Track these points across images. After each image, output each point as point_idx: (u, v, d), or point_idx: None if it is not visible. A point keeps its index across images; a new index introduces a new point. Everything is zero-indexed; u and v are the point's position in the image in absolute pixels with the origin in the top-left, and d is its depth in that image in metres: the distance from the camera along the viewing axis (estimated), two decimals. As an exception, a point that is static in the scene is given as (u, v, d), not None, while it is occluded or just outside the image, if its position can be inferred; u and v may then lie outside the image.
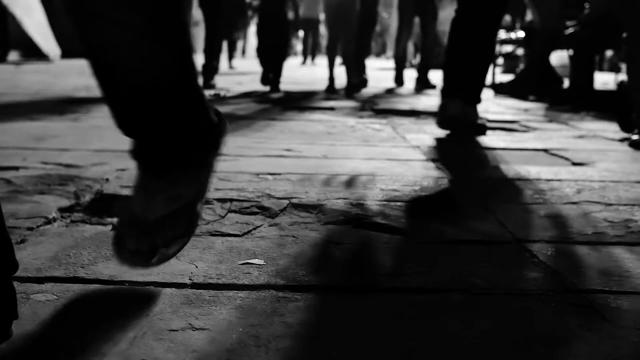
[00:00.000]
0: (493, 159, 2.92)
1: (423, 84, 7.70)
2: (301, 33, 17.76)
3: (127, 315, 1.13)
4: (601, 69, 11.32)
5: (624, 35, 3.36)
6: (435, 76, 8.20)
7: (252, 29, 21.17)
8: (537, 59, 6.62)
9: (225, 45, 12.96)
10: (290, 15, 7.19)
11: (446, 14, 11.47)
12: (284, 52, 6.74)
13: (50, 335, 1.04)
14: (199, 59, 6.51)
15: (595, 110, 5.19)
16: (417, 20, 8.11)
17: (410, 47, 9.04)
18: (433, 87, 7.55)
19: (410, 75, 8.43)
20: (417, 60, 9.21)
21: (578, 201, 2.07)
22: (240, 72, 10.73)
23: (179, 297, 1.22)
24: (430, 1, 7.74)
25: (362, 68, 7.76)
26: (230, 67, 12.37)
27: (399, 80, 8.33)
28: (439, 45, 9.34)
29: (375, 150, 2.99)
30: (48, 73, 8.52)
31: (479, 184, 2.36)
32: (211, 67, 6.73)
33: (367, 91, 6.99)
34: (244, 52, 21.50)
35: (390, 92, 7.19)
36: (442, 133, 3.68)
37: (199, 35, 10.81)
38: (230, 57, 12.90)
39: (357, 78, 7.23)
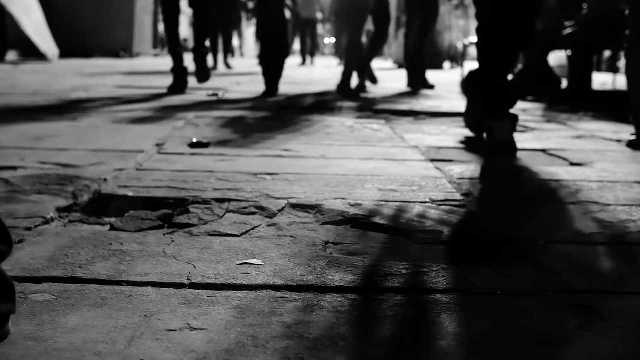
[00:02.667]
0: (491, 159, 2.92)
1: (421, 84, 7.66)
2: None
3: (125, 315, 1.13)
4: (599, 70, 11.34)
5: (627, 32, 3.34)
6: (433, 76, 8.18)
7: (250, 30, 21.10)
8: (535, 60, 6.62)
9: (221, 43, 12.27)
10: (288, 15, 7.00)
11: (443, 11, 11.41)
12: (284, 53, 6.54)
13: (48, 335, 1.04)
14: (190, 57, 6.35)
15: (593, 111, 5.20)
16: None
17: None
18: (431, 87, 7.54)
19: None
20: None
21: (576, 201, 2.07)
22: (239, 72, 10.72)
23: (177, 297, 1.22)
24: (434, 1, 7.61)
25: (362, 71, 7.62)
26: (228, 67, 11.76)
27: (413, 82, 7.48)
28: (435, 45, 9.22)
29: (373, 151, 2.99)
30: (46, 73, 8.52)
31: (477, 185, 2.36)
32: (204, 62, 6.42)
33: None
34: (240, 50, 21.32)
35: (387, 92, 7.17)
36: (439, 134, 3.69)
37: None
38: (226, 55, 12.13)
39: (362, 82, 7.13)
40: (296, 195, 2.03)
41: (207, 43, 6.63)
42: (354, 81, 7.00)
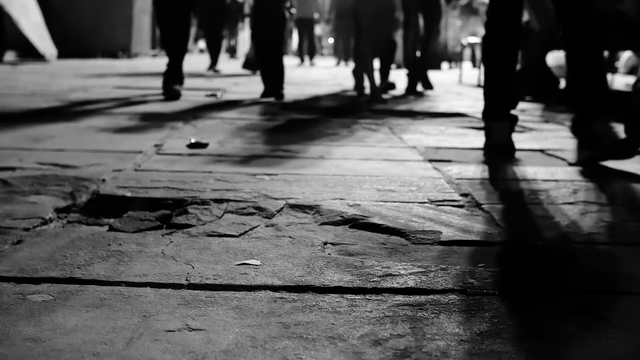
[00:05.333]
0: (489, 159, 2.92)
1: (422, 85, 7.63)
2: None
3: (123, 316, 1.12)
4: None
5: None
6: (431, 77, 8.17)
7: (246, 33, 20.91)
8: (533, 60, 6.62)
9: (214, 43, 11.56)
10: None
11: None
12: (280, 51, 6.25)
13: (47, 336, 1.04)
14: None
15: (591, 111, 5.19)
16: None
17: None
18: (431, 88, 7.53)
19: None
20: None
21: (574, 201, 2.08)
22: (237, 73, 10.71)
23: (176, 297, 1.22)
24: (435, 3, 7.46)
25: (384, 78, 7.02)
26: (215, 70, 10.73)
27: (412, 88, 7.11)
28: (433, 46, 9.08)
29: (371, 151, 2.99)
30: (44, 73, 8.51)
31: (476, 185, 2.36)
32: (179, 72, 5.75)
33: (364, 92, 6.97)
34: (235, 51, 21.11)
35: (387, 95, 7.16)
36: (438, 134, 3.69)
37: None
38: (215, 59, 11.10)
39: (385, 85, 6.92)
40: (294, 195, 2.03)
41: (203, 44, 6.33)
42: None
